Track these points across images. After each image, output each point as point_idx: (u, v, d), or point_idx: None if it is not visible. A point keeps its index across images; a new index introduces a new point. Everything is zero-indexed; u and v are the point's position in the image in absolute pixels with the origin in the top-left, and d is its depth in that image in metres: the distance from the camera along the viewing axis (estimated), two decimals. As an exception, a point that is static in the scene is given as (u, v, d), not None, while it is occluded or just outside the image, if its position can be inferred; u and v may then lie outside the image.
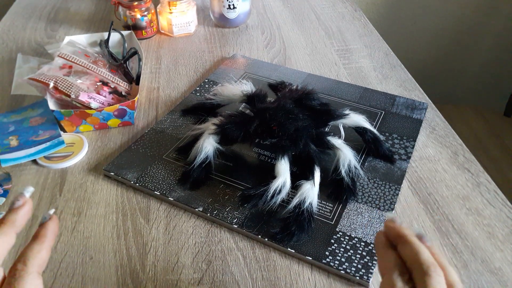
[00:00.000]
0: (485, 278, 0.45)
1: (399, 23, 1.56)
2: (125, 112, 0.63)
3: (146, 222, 0.51)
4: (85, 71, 0.66)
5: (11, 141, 0.60)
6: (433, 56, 1.64)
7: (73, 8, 1.01)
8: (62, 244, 0.48)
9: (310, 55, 0.83)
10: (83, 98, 0.62)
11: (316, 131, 0.55)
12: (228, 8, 0.88)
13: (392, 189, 0.54)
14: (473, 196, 0.54)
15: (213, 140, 0.55)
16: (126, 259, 0.47)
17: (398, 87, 0.74)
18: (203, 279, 0.45)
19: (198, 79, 0.76)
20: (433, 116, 0.67)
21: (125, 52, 0.76)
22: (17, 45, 0.86)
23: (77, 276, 0.45)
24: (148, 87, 0.74)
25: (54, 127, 0.62)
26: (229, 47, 0.85)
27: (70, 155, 0.59)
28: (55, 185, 0.55)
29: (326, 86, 0.72)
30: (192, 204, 0.51)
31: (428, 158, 0.59)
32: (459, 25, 1.55)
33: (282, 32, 0.91)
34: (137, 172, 0.55)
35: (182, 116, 0.66)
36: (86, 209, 0.52)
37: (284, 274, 0.45)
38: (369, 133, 0.58)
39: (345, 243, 0.47)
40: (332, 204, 0.52)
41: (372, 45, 0.86)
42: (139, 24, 0.86)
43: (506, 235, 0.49)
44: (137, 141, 0.60)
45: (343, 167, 0.53)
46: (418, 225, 0.50)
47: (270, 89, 0.71)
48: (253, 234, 0.48)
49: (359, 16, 0.97)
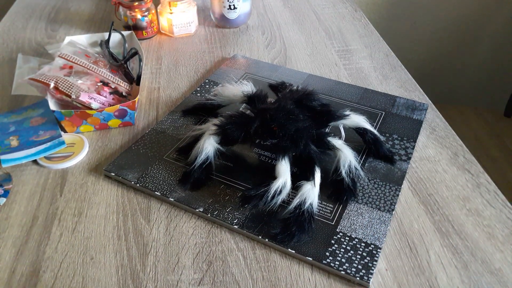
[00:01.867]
0: (485, 279, 0.45)
1: (399, 23, 1.56)
2: (126, 112, 0.63)
3: (147, 223, 0.51)
4: (85, 71, 0.66)
5: (11, 141, 0.60)
6: (433, 56, 1.64)
7: (73, 8, 1.01)
8: (63, 245, 0.48)
9: (311, 56, 0.83)
10: (83, 99, 0.62)
11: (316, 132, 0.55)
12: (228, 9, 0.88)
13: (393, 189, 0.54)
14: (473, 197, 0.54)
15: (214, 141, 0.55)
16: (127, 260, 0.47)
17: (398, 87, 0.74)
18: (203, 280, 0.45)
19: (198, 79, 0.76)
20: (433, 117, 0.67)
21: (126, 52, 0.76)
22: (17, 45, 0.86)
23: (77, 276, 0.45)
24: (148, 87, 0.74)
25: (55, 128, 0.62)
26: (230, 48, 0.86)
27: (71, 155, 0.59)
28: (55, 186, 0.56)
29: (326, 87, 0.72)
30: (193, 204, 0.51)
31: (428, 158, 0.59)
32: (459, 25, 1.55)
33: (283, 33, 0.91)
34: (137, 172, 0.55)
35: (183, 116, 0.66)
36: (87, 210, 0.52)
37: (284, 275, 0.45)
38: (370, 134, 0.58)
39: (345, 243, 0.47)
40: (333, 205, 0.52)
41: (372, 45, 0.86)
42: (139, 24, 0.86)
43: (506, 236, 0.49)
44: (137, 142, 0.61)
45: (343, 167, 0.53)
46: (418, 226, 0.50)
47: (271, 90, 0.71)
48: (254, 234, 0.48)
49: (359, 16, 0.97)
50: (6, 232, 0.50)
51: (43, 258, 0.47)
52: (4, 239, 0.49)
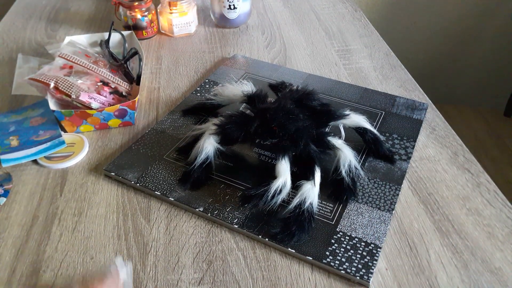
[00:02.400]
0: (485, 278, 0.45)
1: (399, 23, 1.56)
2: (126, 112, 0.63)
3: (147, 222, 0.51)
4: (85, 71, 0.66)
5: (11, 141, 0.60)
6: (433, 56, 1.64)
7: (73, 8, 1.01)
8: (63, 244, 0.48)
9: (311, 56, 0.83)
10: (83, 98, 0.62)
11: (316, 132, 0.55)
12: (228, 9, 0.88)
13: (393, 189, 0.54)
14: (473, 197, 0.54)
15: (214, 140, 0.55)
16: (127, 259, 0.47)
17: (398, 87, 0.74)
18: (203, 279, 0.45)
19: (198, 79, 0.76)
20: (433, 117, 0.67)
21: (126, 52, 0.76)
22: (17, 45, 0.86)
23: (78, 276, 0.45)
24: (148, 87, 0.74)
25: (55, 127, 0.62)
26: (230, 48, 0.86)
27: (71, 155, 0.59)
28: (55, 185, 0.56)
29: (326, 87, 0.72)
30: (193, 204, 0.51)
31: (428, 158, 0.59)
32: (459, 25, 1.55)
33: (283, 33, 0.91)
34: (137, 172, 0.55)
35: (183, 116, 0.66)
36: (87, 209, 0.52)
37: (284, 274, 0.45)
38: (370, 134, 0.58)
39: (345, 243, 0.47)
40: (333, 204, 0.52)
41: (372, 45, 0.86)
42: (139, 24, 0.86)
43: (506, 235, 0.49)
44: (137, 141, 0.61)
45: (343, 167, 0.53)
46: (418, 225, 0.50)
47: (271, 90, 0.71)
48: (254, 234, 0.48)
49: (359, 16, 0.98)
50: (6, 232, 0.50)
51: (43, 258, 0.47)
52: (4, 239, 0.49)
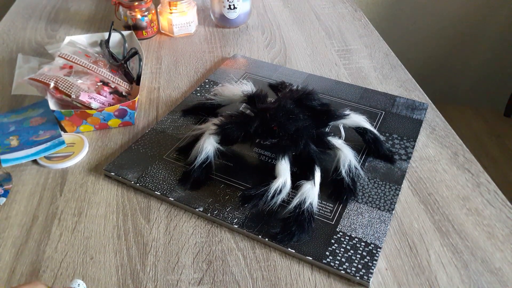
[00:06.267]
0: (485, 278, 0.45)
1: (399, 23, 1.56)
2: (126, 112, 0.63)
3: (147, 222, 0.51)
4: (85, 71, 0.66)
5: (11, 141, 0.60)
6: (433, 56, 1.64)
7: (73, 8, 1.01)
8: (63, 244, 0.48)
9: (311, 56, 0.83)
10: (83, 98, 0.62)
11: (316, 131, 0.55)
12: (228, 9, 0.88)
13: (392, 189, 0.54)
14: (473, 197, 0.54)
15: (214, 140, 0.55)
16: (127, 259, 0.47)
17: (398, 87, 0.74)
18: (203, 279, 0.45)
19: (198, 79, 0.76)
20: (433, 117, 0.67)
21: (126, 52, 0.76)
22: (17, 45, 0.86)
23: (77, 276, 0.45)
24: (148, 87, 0.74)
25: (55, 127, 0.62)
26: (230, 47, 0.86)
27: (71, 155, 0.59)
28: (55, 185, 0.56)
29: (326, 87, 0.72)
30: (193, 204, 0.51)
31: (428, 158, 0.59)
32: (459, 25, 1.55)
33: (283, 33, 0.91)
34: (137, 172, 0.55)
35: (183, 116, 0.66)
36: (87, 209, 0.52)
37: (284, 274, 0.45)
38: (370, 134, 0.58)
39: (345, 243, 0.47)
40: (333, 204, 0.52)
41: (372, 45, 0.86)
42: (139, 24, 0.86)
43: (506, 235, 0.49)
44: (137, 141, 0.61)
45: (343, 167, 0.53)
46: (418, 225, 0.50)
47: (271, 89, 0.71)
48: (254, 234, 0.48)
49: (359, 16, 0.98)
50: (6, 232, 0.50)
51: (43, 258, 0.47)
52: (4, 239, 0.49)
